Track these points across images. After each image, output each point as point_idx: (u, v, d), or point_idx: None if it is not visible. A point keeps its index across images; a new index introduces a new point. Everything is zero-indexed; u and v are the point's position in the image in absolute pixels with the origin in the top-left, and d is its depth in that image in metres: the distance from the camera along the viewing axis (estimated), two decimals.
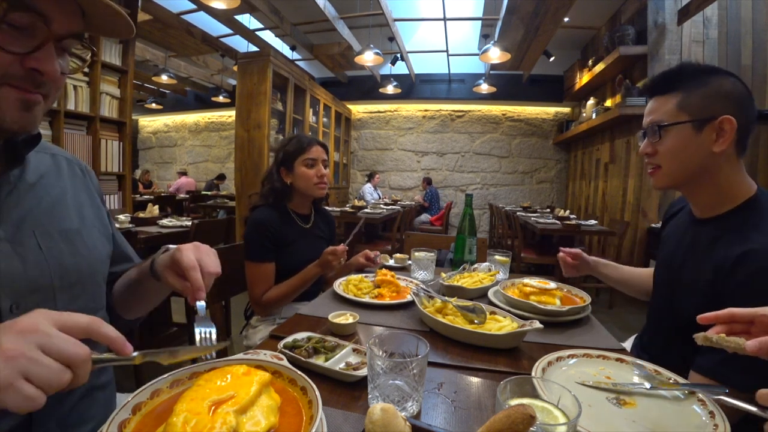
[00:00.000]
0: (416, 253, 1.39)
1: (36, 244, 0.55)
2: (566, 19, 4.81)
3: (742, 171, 0.83)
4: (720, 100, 0.79)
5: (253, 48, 5.60)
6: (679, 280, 0.89)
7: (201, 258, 0.57)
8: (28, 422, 0.52)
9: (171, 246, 0.64)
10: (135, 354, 0.43)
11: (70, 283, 0.58)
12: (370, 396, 0.60)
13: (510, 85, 6.75)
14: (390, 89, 6.22)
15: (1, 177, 0.54)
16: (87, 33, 0.54)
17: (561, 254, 1.21)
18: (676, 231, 0.99)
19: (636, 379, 0.69)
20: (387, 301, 1.10)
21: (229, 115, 8.17)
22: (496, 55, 4.37)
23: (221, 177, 7.87)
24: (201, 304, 0.57)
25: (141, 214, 2.74)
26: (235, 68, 4.86)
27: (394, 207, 4.84)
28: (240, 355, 0.60)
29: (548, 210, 5.35)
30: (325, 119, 6.43)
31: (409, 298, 1.09)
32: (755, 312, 0.53)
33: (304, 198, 1.50)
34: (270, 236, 1.37)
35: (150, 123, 9.23)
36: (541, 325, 0.80)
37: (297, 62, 6.49)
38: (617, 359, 0.74)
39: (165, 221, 2.69)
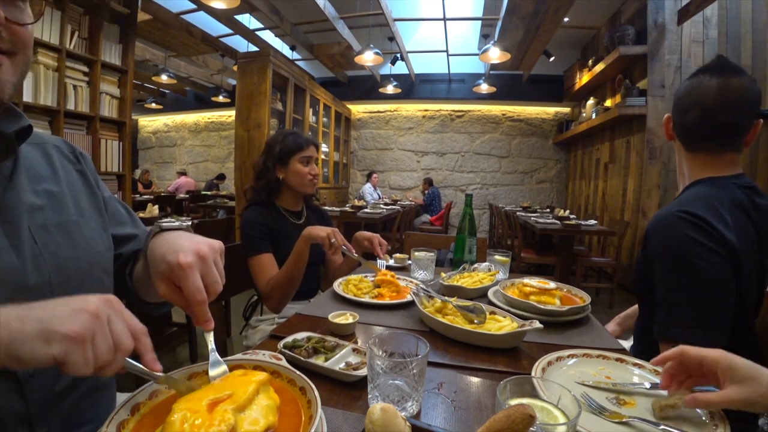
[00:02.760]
0: (416, 253, 1.39)
1: (31, 238, 0.54)
2: (566, 19, 4.81)
3: (699, 163, 0.91)
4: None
5: (253, 48, 5.60)
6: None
7: (206, 277, 0.50)
8: (28, 420, 0.52)
9: (165, 226, 0.58)
10: (160, 374, 0.45)
11: (67, 277, 0.57)
12: (369, 396, 0.60)
13: (510, 85, 6.75)
14: (390, 89, 6.22)
15: None
16: None
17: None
18: None
19: (636, 379, 0.69)
20: (387, 301, 1.09)
21: (229, 115, 8.17)
22: (496, 55, 4.37)
23: (221, 177, 7.87)
24: (211, 338, 0.51)
25: (141, 214, 2.74)
26: (235, 68, 4.86)
27: (393, 207, 4.84)
28: (239, 356, 0.59)
29: (548, 210, 5.35)
30: (325, 119, 6.43)
31: (409, 298, 1.09)
32: (703, 355, 0.54)
33: (293, 194, 1.51)
34: (264, 229, 1.38)
35: (150, 123, 9.23)
36: (541, 325, 0.80)
37: (297, 62, 6.49)
38: (617, 359, 0.74)
39: (165, 221, 2.69)
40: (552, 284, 1.11)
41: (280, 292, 1.31)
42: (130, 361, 0.42)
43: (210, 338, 0.52)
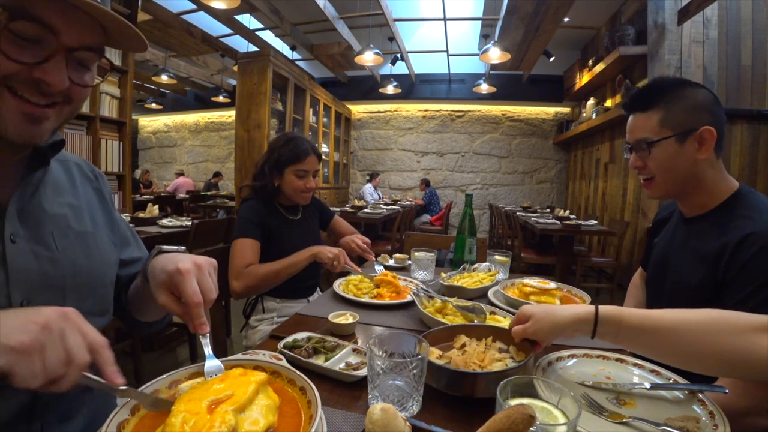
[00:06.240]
0: (416, 253, 1.39)
1: (53, 243, 0.57)
2: (566, 19, 4.81)
3: (723, 170, 0.89)
4: (697, 111, 0.85)
5: (253, 48, 5.60)
6: (674, 277, 0.92)
7: (202, 284, 0.53)
8: (28, 413, 0.52)
9: (164, 248, 0.62)
10: (124, 387, 0.43)
11: (80, 283, 0.60)
12: (370, 396, 0.60)
13: (510, 85, 6.75)
14: (390, 89, 6.22)
15: (25, 178, 0.56)
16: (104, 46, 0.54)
17: None
18: (665, 234, 1.03)
19: (636, 379, 0.69)
20: (387, 301, 1.09)
21: (229, 115, 8.17)
22: (496, 55, 4.36)
23: (217, 174, 7.82)
24: (207, 342, 0.53)
25: (141, 214, 2.74)
26: (235, 68, 4.87)
27: (393, 207, 4.84)
28: (239, 356, 0.60)
29: (548, 210, 5.35)
30: (325, 119, 6.43)
31: (409, 298, 1.09)
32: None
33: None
34: (259, 219, 1.38)
35: (150, 123, 9.23)
36: None
37: (297, 62, 6.48)
38: (617, 359, 0.74)
39: (165, 221, 2.69)
40: (552, 284, 1.11)
41: (254, 279, 1.26)
42: (88, 375, 0.41)
43: (206, 341, 0.53)
